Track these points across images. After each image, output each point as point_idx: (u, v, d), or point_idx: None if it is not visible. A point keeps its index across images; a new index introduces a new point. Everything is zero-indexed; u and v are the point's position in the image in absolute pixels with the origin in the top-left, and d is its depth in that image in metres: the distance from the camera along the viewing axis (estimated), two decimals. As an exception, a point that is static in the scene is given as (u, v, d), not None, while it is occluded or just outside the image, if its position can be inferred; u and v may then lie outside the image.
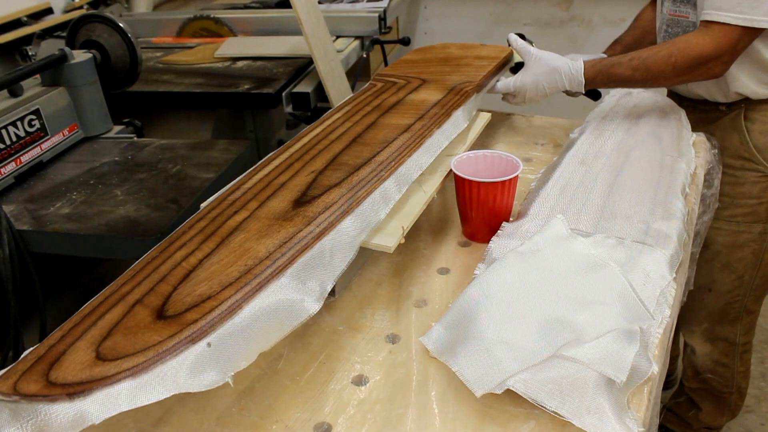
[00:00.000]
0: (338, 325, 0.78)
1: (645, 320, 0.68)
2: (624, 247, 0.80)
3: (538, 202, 0.91)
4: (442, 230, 0.97)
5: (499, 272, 0.75)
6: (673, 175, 0.97)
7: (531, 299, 0.71)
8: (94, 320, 0.58)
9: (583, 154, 1.04)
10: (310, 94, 1.59)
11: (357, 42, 1.89)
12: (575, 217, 0.87)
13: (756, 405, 1.79)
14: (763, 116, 1.23)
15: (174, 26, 2.08)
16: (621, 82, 1.13)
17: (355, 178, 0.79)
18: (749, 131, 1.24)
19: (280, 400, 0.68)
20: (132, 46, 1.39)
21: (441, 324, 0.73)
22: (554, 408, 0.60)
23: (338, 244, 0.71)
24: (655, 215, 0.87)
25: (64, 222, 1.05)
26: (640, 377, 0.65)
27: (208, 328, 0.56)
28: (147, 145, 1.33)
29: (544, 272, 0.75)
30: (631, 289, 0.72)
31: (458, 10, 2.92)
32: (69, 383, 0.51)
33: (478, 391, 0.63)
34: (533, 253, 0.78)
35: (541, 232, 0.81)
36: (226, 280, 0.61)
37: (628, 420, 0.61)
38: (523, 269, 0.75)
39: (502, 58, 1.21)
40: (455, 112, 0.99)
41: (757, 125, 1.23)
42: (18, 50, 1.60)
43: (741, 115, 1.25)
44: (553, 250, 0.79)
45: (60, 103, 1.30)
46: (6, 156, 1.17)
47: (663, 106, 1.21)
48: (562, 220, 0.83)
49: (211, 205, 0.77)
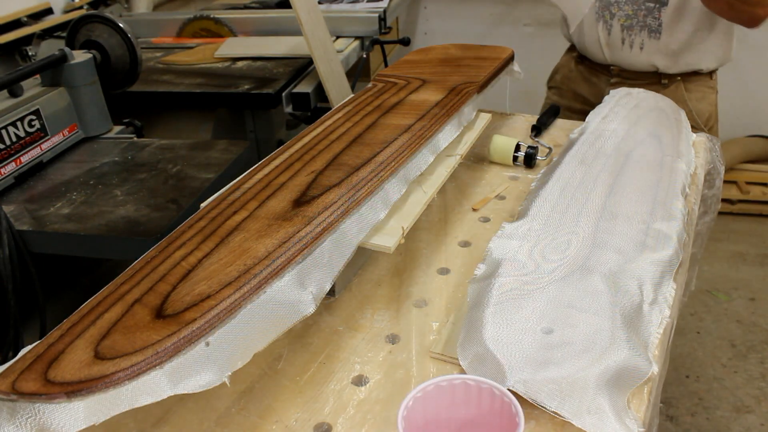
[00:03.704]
0: (338, 325, 0.78)
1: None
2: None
3: (538, 202, 0.91)
4: (442, 230, 0.97)
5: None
6: (673, 176, 0.97)
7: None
8: (92, 319, 0.58)
9: (583, 155, 1.04)
10: (310, 94, 1.59)
11: (357, 42, 1.89)
12: (575, 217, 0.87)
13: (756, 405, 1.79)
14: (697, 87, 1.47)
15: (174, 26, 2.08)
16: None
17: (355, 178, 0.79)
18: (689, 100, 1.46)
19: (280, 400, 0.68)
20: (132, 47, 1.39)
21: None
22: (554, 408, 0.60)
23: (338, 244, 0.71)
24: (655, 215, 0.87)
25: (64, 222, 1.05)
26: (640, 377, 0.65)
27: (207, 328, 0.56)
28: (147, 146, 1.33)
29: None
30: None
31: (458, 10, 2.92)
32: (67, 382, 0.51)
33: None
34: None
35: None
36: (226, 280, 0.61)
37: (628, 420, 0.60)
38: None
39: (503, 59, 1.21)
40: (456, 112, 0.99)
41: (694, 94, 1.47)
42: (18, 50, 1.60)
43: (681, 87, 1.46)
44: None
45: (60, 104, 1.30)
46: (6, 156, 1.17)
47: (663, 107, 1.21)
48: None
49: (210, 205, 0.77)
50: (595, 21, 1.47)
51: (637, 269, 0.77)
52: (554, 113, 1.33)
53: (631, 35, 1.43)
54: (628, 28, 1.42)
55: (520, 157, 1.14)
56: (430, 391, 0.57)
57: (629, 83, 1.48)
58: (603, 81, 1.54)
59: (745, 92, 2.76)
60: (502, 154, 1.15)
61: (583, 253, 0.79)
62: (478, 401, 0.58)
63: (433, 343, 0.74)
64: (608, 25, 1.45)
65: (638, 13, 1.40)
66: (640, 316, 0.72)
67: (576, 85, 1.60)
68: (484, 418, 0.58)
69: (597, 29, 1.47)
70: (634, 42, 1.43)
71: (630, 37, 1.43)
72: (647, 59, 1.44)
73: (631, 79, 1.49)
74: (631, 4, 1.40)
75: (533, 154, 1.14)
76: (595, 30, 1.47)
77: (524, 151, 1.14)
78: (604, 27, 1.46)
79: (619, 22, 1.43)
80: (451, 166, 0.97)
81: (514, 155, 1.14)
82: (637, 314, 0.72)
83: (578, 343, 0.66)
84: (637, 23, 1.41)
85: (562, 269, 0.77)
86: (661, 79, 1.47)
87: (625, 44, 1.44)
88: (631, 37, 1.43)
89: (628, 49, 1.44)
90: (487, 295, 0.73)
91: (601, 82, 1.54)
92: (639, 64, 1.46)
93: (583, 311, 0.70)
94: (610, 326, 0.68)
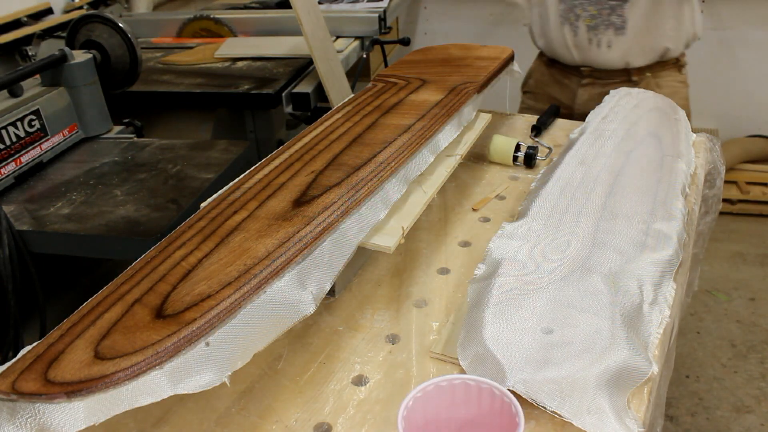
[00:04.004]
0: (338, 326, 0.78)
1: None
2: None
3: (538, 202, 0.91)
4: (442, 230, 0.97)
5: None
6: (673, 176, 0.97)
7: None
8: (92, 319, 0.58)
9: (583, 155, 1.04)
10: (310, 94, 1.59)
11: (357, 42, 1.89)
12: (575, 217, 0.87)
13: (756, 405, 1.79)
14: (668, 82, 1.50)
15: (174, 27, 2.08)
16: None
17: (355, 178, 0.79)
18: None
19: (280, 400, 0.68)
20: (132, 47, 1.39)
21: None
22: (554, 408, 0.60)
23: (338, 244, 0.71)
24: (655, 216, 0.87)
25: (64, 222, 1.05)
26: (640, 377, 0.65)
27: (207, 328, 0.56)
28: (147, 146, 1.33)
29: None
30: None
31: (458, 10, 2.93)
32: (67, 382, 0.51)
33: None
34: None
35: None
36: (225, 280, 0.61)
37: (628, 420, 0.60)
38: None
39: (503, 59, 1.21)
40: (456, 112, 0.99)
41: (664, 90, 1.48)
42: (18, 50, 1.60)
43: (651, 82, 1.49)
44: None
45: (60, 104, 1.30)
46: (6, 156, 1.17)
47: (663, 107, 1.21)
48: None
49: (210, 205, 0.77)
50: (560, 24, 1.50)
51: (637, 269, 0.77)
52: (554, 113, 1.33)
53: (598, 34, 1.45)
54: (593, 28, 1.45)
55: (520, 157, 1.14)
56: (430, 391, 0.57)
57: (601, 82, 1.51)
58: (574, 82, 1.56)
59: (745, 92, 2.76)
60: (502, 154, 1.15)
61: (583, 253, 0.79)
62: (478, 401, 0.58)
63: (433, 343, 0.74)
64: (574, 27, 1.48)
65: (602, 12, 1.43)
66: (640, 316, 0.72)
67: (549, 88, 1.63)
68: (484, 418, 0.58)
69: (563, 32, 1.50)
70: (601, 41, 1.45)
71: (597, 37, 1.46)
72: (617, 56, 1.47)
73: (603, 78, 1.52)
74: (595, 4, 1.43)
75: (533, 154, 1.14)
76: (561, 33, 1.50)
77: (524, 151, 1.14)
78: (570, 29, 1.48)
79: (585, 23, 1.45)
80: (451, 166, 0.97)
81: (514, 155, 1.14)
82: (637, 314, 0.72)
83: (578, 343, 0.66)
84: (602, 22, 1.44)
85: (562, 269, 0.77)
86: (631, 77, 1.50)
87: (593, 44, 1.46)
88: (597, 36, 1.45)
89: (596, 49, 1.47)
90: (487, 295, 0.73)
91: (573, 84, 1.57)
92: (609, 62, 1.48)
93: (583, 311, 0.70)
94: (610, 326, 0.68)
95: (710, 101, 2.77)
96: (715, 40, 2.71)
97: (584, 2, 1.44)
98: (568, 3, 1.46)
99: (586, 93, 1.54)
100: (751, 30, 2.66)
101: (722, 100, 2.77)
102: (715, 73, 2.74)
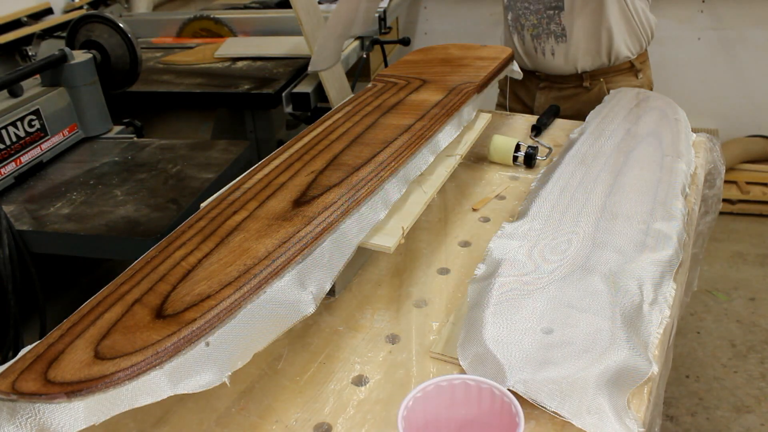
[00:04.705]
0: (338, 326, 0.78)
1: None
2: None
3: (538, 202, 0.91)
4: (442, 230, 0.97)
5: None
6: (673, 176, 0.97)
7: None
8: (92, 319, 0.58)
9: (583, 155, 1.04)
10: (310, 94, 1.59)
11: (357, 42, 1.89)
12: (575, 217, 0.87)
13: (756, 405, 1.79)
14: (621, 87, 1.43)
15: (174, 27, 2.08)
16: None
17: (355, 178, 0.79)
18: None
19: (280, 400, 0.68)
20: (132, 47, 1.39)
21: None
22: (554, 408, 0.60)
23: (338, 244, 0.71)
24: (655, 215, 0.87)
25: (64, 222, 1.05)
26: (640, 377, 0.65)
27: (207, 328, 0.56)
28: (147, 146, 1.33)
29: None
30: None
31: (458, 10, 2.92)
32: (67, 382, 0.51)
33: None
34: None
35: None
36: (225, 280, 0.61)
37: (628, 420, 0.60)
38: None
39: (503, 59, 1.21)
40: (455, 112, 0.99)
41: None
42: (18, 50, 1.61)
43: (602, 88, 1.46)
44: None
45: (60, 104, 1.30)
46: (6, 156, 1.17)
47: (663, 107, 1.21)
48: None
49: (210, 205, 0.77)
50: (510, 34, 1.52)
51: (637, 269, 0.77)
52: (554, 113, 1.33)
53: (541, 43, 1.46)
54: (536, 37, 1.46)
55: (520, 157, 1.14)
56: (430, 391, 0.57)
57: (557, 86, 1.52)
58: (534, 85, 1.58)
59: (745, 92, 2.76)
60: (502, 154, 1.15)
61: (583, 253, 0.79)
62: (478, 401, 0.58)
63: (433, 343, 0.74)
64: (521, 36, 1.49)
65: (542, 21, 1.44)
66: (640, 316, 0.72)
67: (515, 87, 1.65)
68: (484, 418, 0.58)
69: (513, 41, 1.52)
70: (545, 49, 1.47)
71: (540, 45, 1.47)
72: (562, 63, 1.47)
73: (558, 83, 1.52)
74: (535, 14, 1.44)
75: (533, 154, 1.14)
76: (512, 42, 1.52)
77: (524, 151, 1.14)
78: (519, 38, 1.50)
79: (528, 32, 1.47)
80: (451, 166, 0.97)
81: (514, 155, 1.14)
82: (637, 314, 0.72)
83: (578, 343, 0.66)
84: (543, 31, 1.45)
85: (562, 269, 0.77)
86: (583, 82, 1.49)
87: (539, 52, 1.48)
88: (541, 45, 1.47)
89: (542, 56, 1.48)
90: (487, 295, 0.73)
91: (533, 86, 1.58)
92: (557, 68, 1.49)
93: (583, 311, 0.70)
94: (610, 326, 0.68)
95: (710, 101, 2.77)
96: (715, 40, 2.70)
97: (526, 12, 1.45)
98: (514, 12, 1.48)
99: (543, 96, 1.56)
100: (751, 30, 2.65)
101: (722, 100, 2.76)
102: (715, 73, 2.74)
